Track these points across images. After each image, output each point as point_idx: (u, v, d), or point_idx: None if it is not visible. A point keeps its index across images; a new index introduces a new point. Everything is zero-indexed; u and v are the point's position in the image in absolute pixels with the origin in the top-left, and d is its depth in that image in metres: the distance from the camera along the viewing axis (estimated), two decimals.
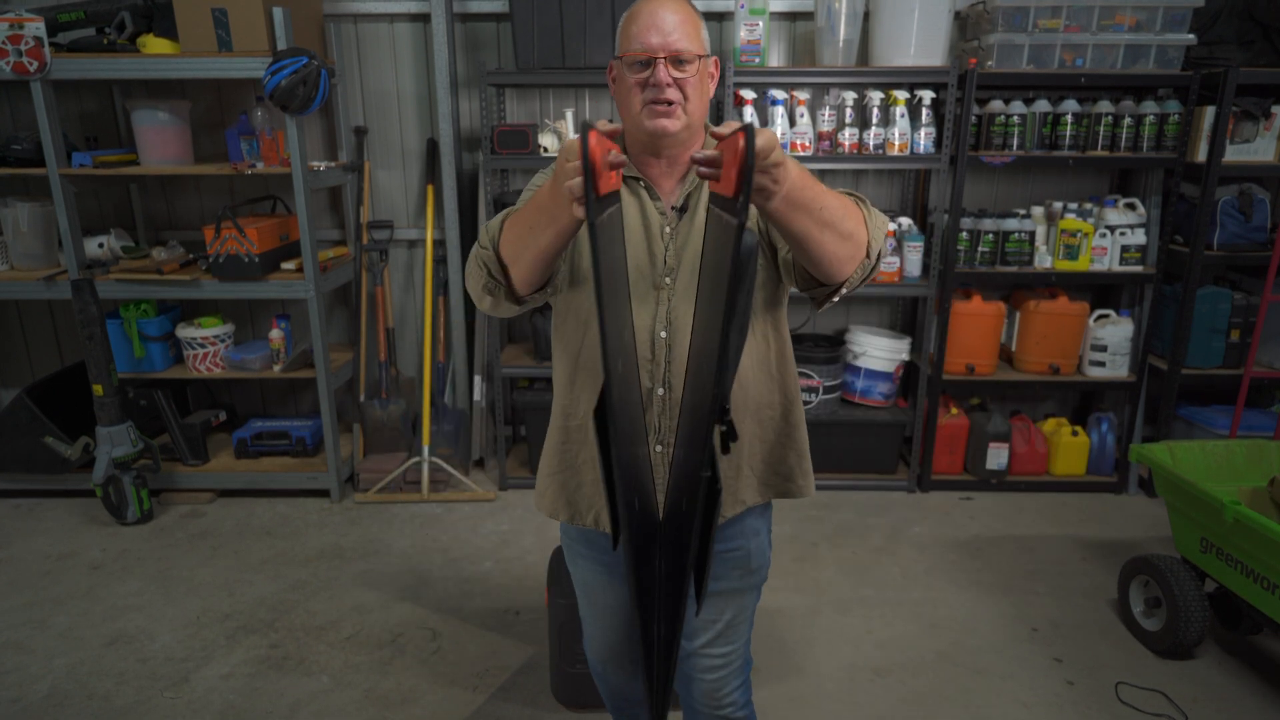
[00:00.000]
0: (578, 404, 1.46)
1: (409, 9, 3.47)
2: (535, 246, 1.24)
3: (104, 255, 3.41)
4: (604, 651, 1.68)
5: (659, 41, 1.33)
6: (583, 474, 1.48)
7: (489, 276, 1.33)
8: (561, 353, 1.48)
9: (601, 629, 1.64)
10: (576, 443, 1.48)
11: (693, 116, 1.36)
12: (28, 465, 3.36)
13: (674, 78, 1.33)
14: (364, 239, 3.62)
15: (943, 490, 3.60)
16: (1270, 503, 2.43)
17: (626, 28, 1.38)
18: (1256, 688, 2.34)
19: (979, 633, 2.60)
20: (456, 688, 2.35)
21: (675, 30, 1.33)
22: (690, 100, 1.35)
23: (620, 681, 1.73)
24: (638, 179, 1.42)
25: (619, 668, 1.69)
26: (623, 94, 1.39)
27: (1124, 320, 3.46)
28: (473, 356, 3.80)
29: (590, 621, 1.66)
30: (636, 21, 1.35)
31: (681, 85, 1.34)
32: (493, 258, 1.32)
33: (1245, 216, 3.28)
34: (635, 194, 1.43)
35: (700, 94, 1.37)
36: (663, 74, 1.32)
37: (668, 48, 1.32)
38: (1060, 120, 3.27)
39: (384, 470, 3.52)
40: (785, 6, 3.46)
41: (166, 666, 2.43)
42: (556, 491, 1.51)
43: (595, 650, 1.69)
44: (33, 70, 2.99)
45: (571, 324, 1.44)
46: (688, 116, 1.35)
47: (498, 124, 3.31)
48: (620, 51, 1.38)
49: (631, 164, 1.42)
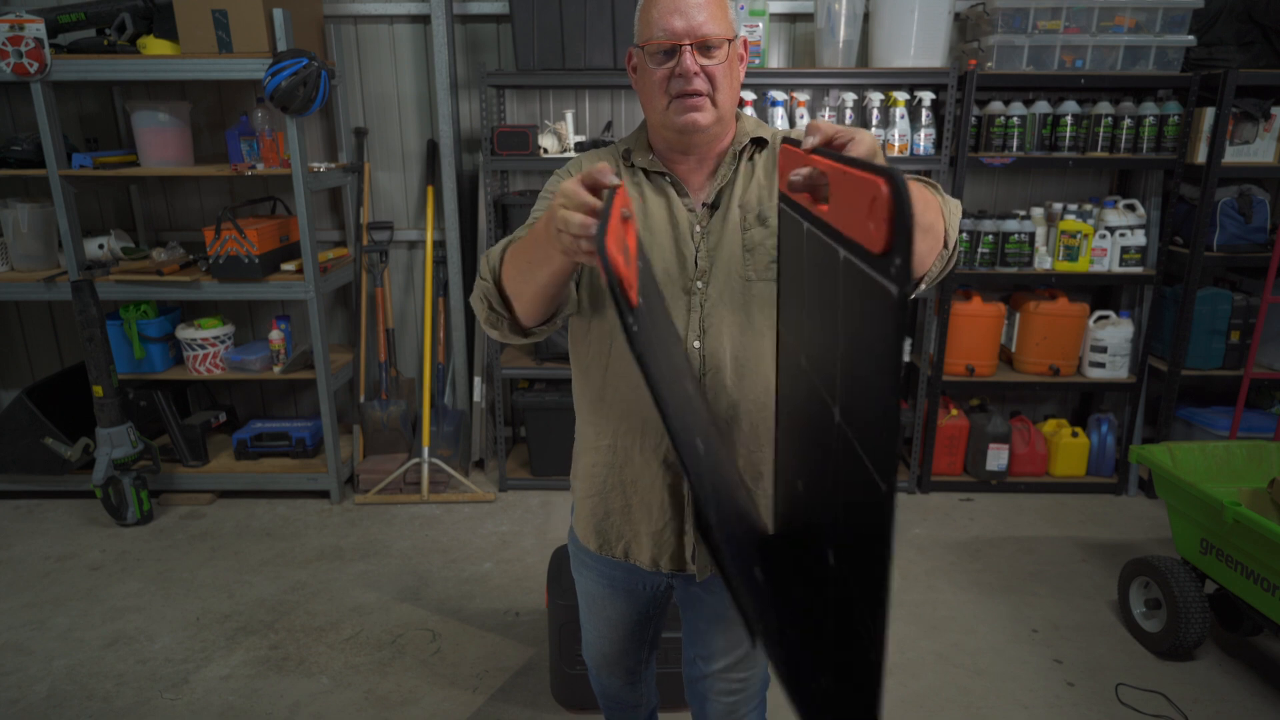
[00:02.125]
0: (604, 427, 1.36)
1: (409, 10, 3.47)
2: (534, 283, 1.12)
3: (104, 256, 3.41)
4: (600, 659, 1.64)
5: (683, 26, 1.19)
6: (610, 501, 1.39)
7: (490, 310, 1.22)
8: (582, 374, 1.38)
9: (599, 638, 1.59)
10: (605, 465, 1.37)
11: (723, 107, 1.24)
12: (28, 466, 3.36)
13: (701, 65, 1.20)
14: (364, 240, 3.62)
15: (942, 491, 3.60)
16: (1270, 504, 2.43)
17: (646, 11, 1.23)
18: (1257, 689, 2.34)
19: (979, 634, 2.60)
20: (456, 689, 2.35)
21: (702, 10, 1.19)
22: (720, 90, 1.22)
23: (614, 687, 1.68)
24: (664, 174, 1.31)
25: (613, 675, 1.65)
26: (645, 86, 1.26)
27: (1124, 321, 3.46)
28: (472, 357, 3.80)
29: (589, 629, 1.61)
30: (657, 4, 1.22)
31: (710, 74, 1.21)
32: (493, 290, 1.20)
33: (1245, 218, 3.28)
34: (662, 191, 1.31)
35: (731, 81, 1.24)
36: (689, 63, 1.20)
37: (693, 33, 1.19)
38: (1060, 121, 3.28)
39: (384, 471, 3.52)
40: (785, 8, 3.46)
41: (166, 668, 2.43)
42: (588, 517, 1.43)
43: (592, 656, 1.66)
44: (33, 71, 2.99)
45: (595, 347, 1.34)
46: (718, 109, 1.23)
47: (498, 125, 3.31)
48: (640, 39, 1.24)
49: (658, 159, 1.32)
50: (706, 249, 1.28)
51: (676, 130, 1.24)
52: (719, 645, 1.45)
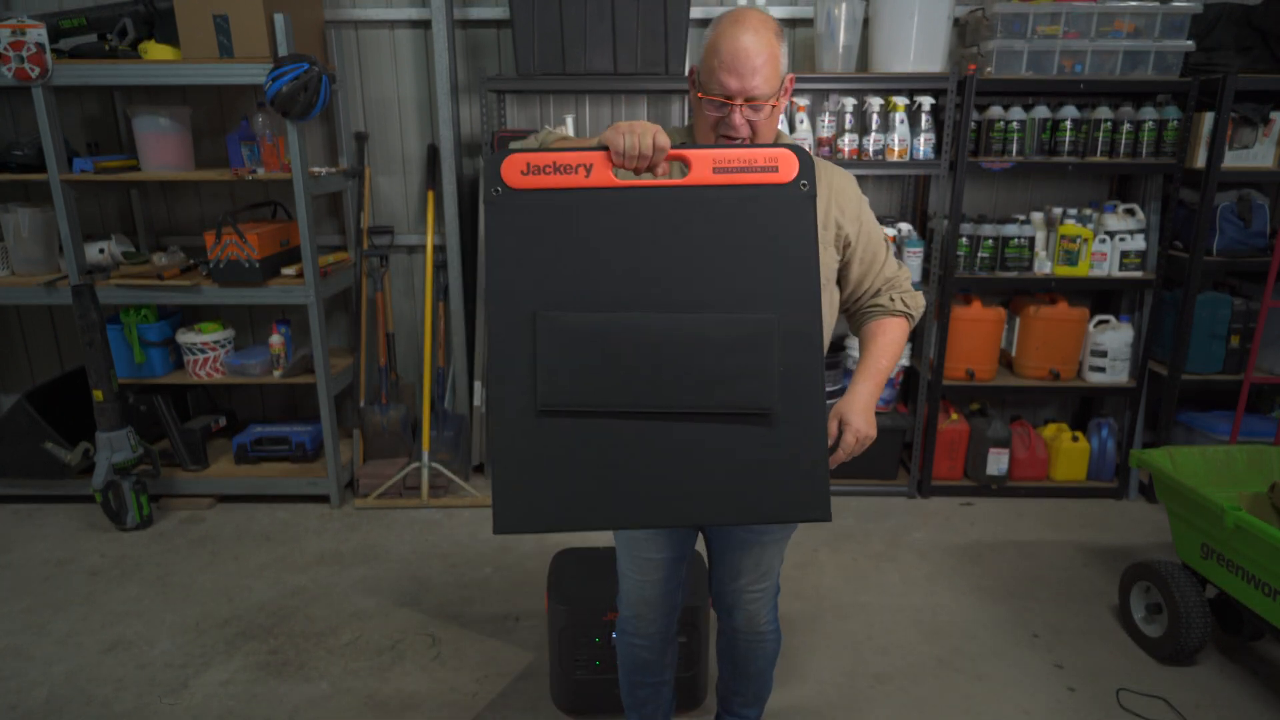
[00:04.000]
0: None
1: (410, 15, 3.48)
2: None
3: (104, 260, 3.41)
4: (641, 605, 1.78)
5: (737, 87, 1.39)
6: None
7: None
8: None
9: (640, 583, 1.76)
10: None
11: (761, 142, 1.48)
12: (27, 470, 3.36)
13: (748, 118, 1.42)
14: (364, 244, 3.63)
15: (943, 496, 3.60)
16: (1271, 508, 2.43)
17: (710, 55, 1.42)
18: (1258, 694, 2.33)
19: (980, 639, 2.60)
20: (456, 694, 2.34)
21: (756, 74, 1.38)
22: (760, 135, 1.46)
23: (646, 647, 1.84)
24: None
25: (651, 624, 1.81)
26: (698, 112, 1.49)
27: (1124, 326, 3.46)
28: (473, 361, 3.81)
29: (630, 577, 1.78)
30: (719, 54, 1.40)
31: (754, 125, 1.44)
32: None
33: (1245, 222, 3.29)
34: None
35: (771, 125, 1.48)
36: (738, 119, 1.41)
37: (745, 93, 1.39)
38: (1059, 126, 3.28)
39: (384, 475, 3.52)
40: (785, 13, 3.47)
41: (165, 673, 2.43)
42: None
43: (633, 604, 1.80)
44: (34, 76, 3.00)
45: None
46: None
47: (498, 130, 3.31)
48: (700, 78, 1.45)
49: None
50: None
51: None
52: (745, 565, 1.75)
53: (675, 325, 1.21)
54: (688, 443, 1.22)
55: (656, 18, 3.13)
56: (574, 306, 1.21)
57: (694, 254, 1.23)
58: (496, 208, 1.21)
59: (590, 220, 1.22)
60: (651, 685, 1.92)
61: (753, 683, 1.95)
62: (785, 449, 1.23)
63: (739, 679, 1.95)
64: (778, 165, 1.23)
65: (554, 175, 1.21)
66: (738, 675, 1.94)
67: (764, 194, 1.23)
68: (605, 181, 1.22)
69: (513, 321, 1.20)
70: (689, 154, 1.24)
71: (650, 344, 1.21)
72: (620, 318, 1.21)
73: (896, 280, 1.65)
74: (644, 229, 1.22)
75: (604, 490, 1.22)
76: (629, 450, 1.22)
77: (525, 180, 1.21)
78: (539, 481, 1.21)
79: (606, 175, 1.22)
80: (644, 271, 1.22)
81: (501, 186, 1.21)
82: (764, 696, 2.01)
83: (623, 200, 1.22)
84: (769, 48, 1.40)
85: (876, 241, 1.63)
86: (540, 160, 1.20)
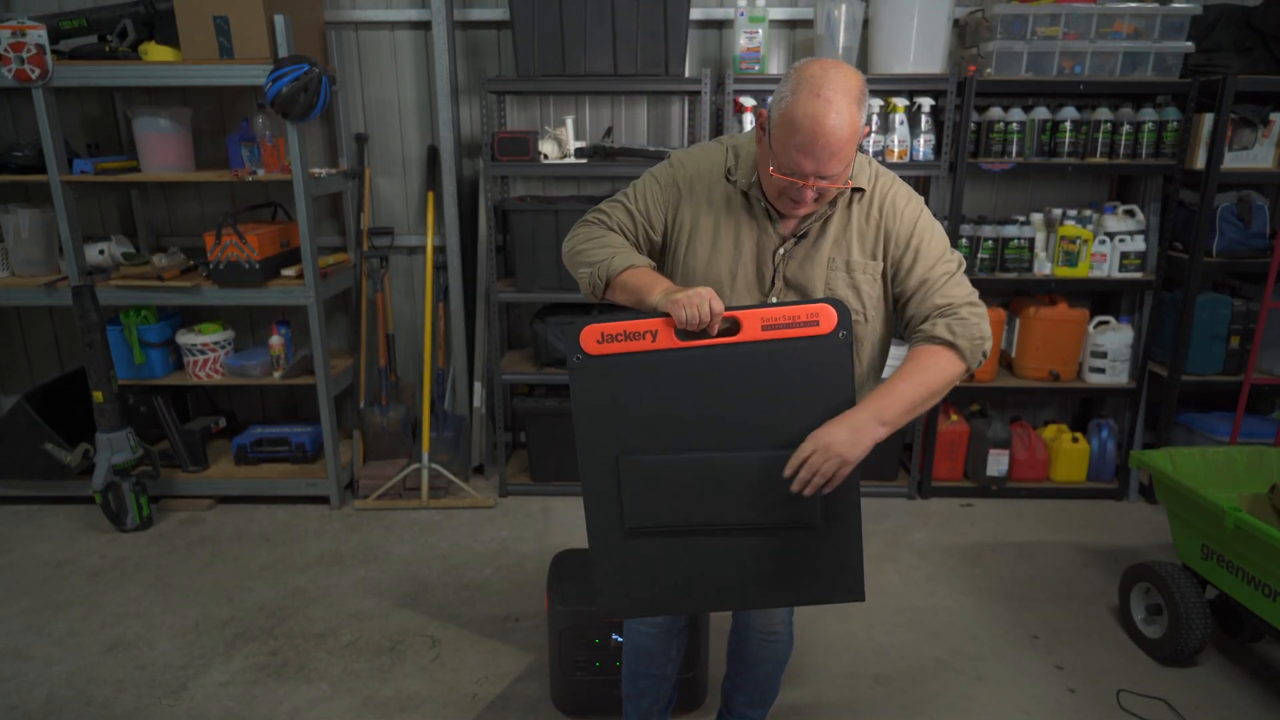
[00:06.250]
0: None
1: (410, 17, 3.48)
2: (628, 302, 1.50)
3: (105, 262, 3.41)
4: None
5: (812, 169, 1.36)
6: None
7: (590, 288, 1.54)
8: None
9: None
10: None
11: (825, 200, 1.48)
12: (27, 472, 3.36)
13: (819, 189, 1.41)
14: (364, 245, 3.63)
15: (943, 497, 3.60)
16: (1271, 509, 2.43)
17: (786, 129, 1.36)
18: (1259, 695, 2.33)
19: (979, 640, 2.60)
20: (456, 695, 2.34)
21: (835, 158, 1.35)
22: (824, 197, 1.46)
23: (649, 633, 1.83)
24: (761, 199, 1.52)
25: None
26: (764, 166, 1.46)
27: (1124, 327, 3.46)
28: (473, 363, 3.81)
29: None
30: (798, 131, 1.33)
31: (821, 192, 1.42)
32: (601, 287, 1.51)
33: (1244, 223, 3.29)
34: (754, 216, 1.54)
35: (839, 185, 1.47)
36: (808, 196, 1.41)
37: (818, 174, 1.37)
38: (1059, 127, 3.28)
39: (384, 476, 3.52)
40: (785, 14, 3.47)
41: (165, 674, 2.43)
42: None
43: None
44: (35, 77, 3.00)
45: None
46: (819, 203, 1.47)
47: (498, 131, 3.31)
48: (772, 143, 1.40)
49: (758, 190, 1.53)
50: (784, 272, 1.54)
51: (778, 208, 1.51)
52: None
53: (734, 461, 1.46)
54: (747, 548, 1.51)
55: (656, 19, 3.13)
56: (649, 449, 1.47)
57: (748, 400, 1.45)
58: (580, 372, 1.45)
59: (659, 378, 1.45)
60: (653, 677, 1.90)
61: (760, 685, 1.94)
62: (826, 549, 1.52)
63: (746, 679, 1.94)
64: (819, 320, 1.42)
65: (625, 342, 1.44)
66: (745, 675, 1.94)
67: (806, 346, 1.43)
68: (669, 343, 1.43)
69: (601, 463, 1.48)
70: (740, 315, 1.43)
71: (714, 478, 1.47)
72: (686, 457, 1.47)
73: (949, 308, 1.54)
74: (705, 382, 1.45)
75: (681, 586, 1.55)
76: (699, 557, 1.52)
77: (601, 347, 1.44)
78: (630, 581, 1.55)
79: (670, 338, 1.43)
80: (706, 417, 1.46)
81: (581, 354, 1.44)
82: (769, 700, 2.00)
83: (687, 359, 1.44)
84: (850, 125, 1.32)
85: (927, 268, 1.54)
86: (612, 329, 1.43)
